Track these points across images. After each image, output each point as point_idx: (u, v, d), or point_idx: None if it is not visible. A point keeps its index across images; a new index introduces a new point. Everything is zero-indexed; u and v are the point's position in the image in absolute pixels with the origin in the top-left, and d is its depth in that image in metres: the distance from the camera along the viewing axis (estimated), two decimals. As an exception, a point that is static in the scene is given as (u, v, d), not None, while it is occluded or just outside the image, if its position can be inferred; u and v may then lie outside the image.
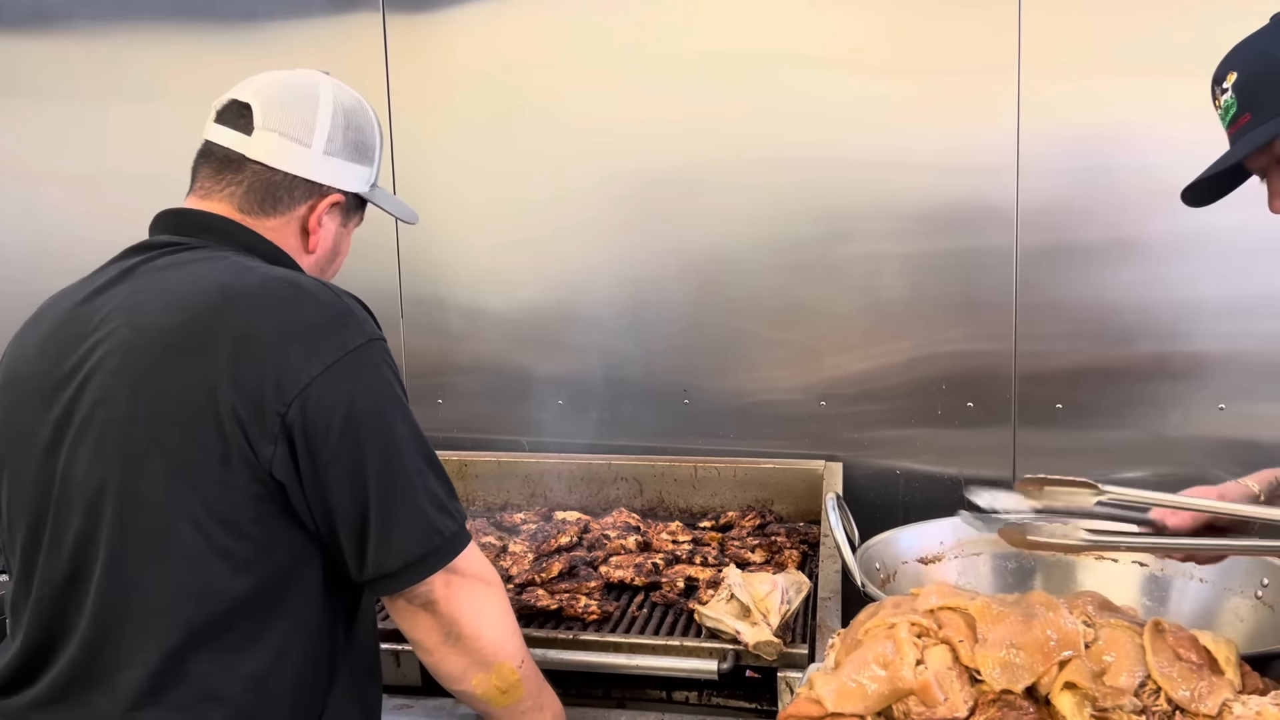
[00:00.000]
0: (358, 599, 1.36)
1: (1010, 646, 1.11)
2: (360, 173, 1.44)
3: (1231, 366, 2.15)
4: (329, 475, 1.21)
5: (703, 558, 1.95)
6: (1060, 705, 1.08)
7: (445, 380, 2.48)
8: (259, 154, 1.36)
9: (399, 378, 1.29)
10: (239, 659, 1.22)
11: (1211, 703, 1.08)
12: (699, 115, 2.31)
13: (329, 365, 1.21)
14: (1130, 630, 1.13)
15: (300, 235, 1.40)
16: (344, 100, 1.42)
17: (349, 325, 1.25)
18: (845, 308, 2.31)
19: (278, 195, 1.37)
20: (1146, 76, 2.11)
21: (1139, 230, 2.15)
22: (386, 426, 1.24)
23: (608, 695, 1.67)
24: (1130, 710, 1.06)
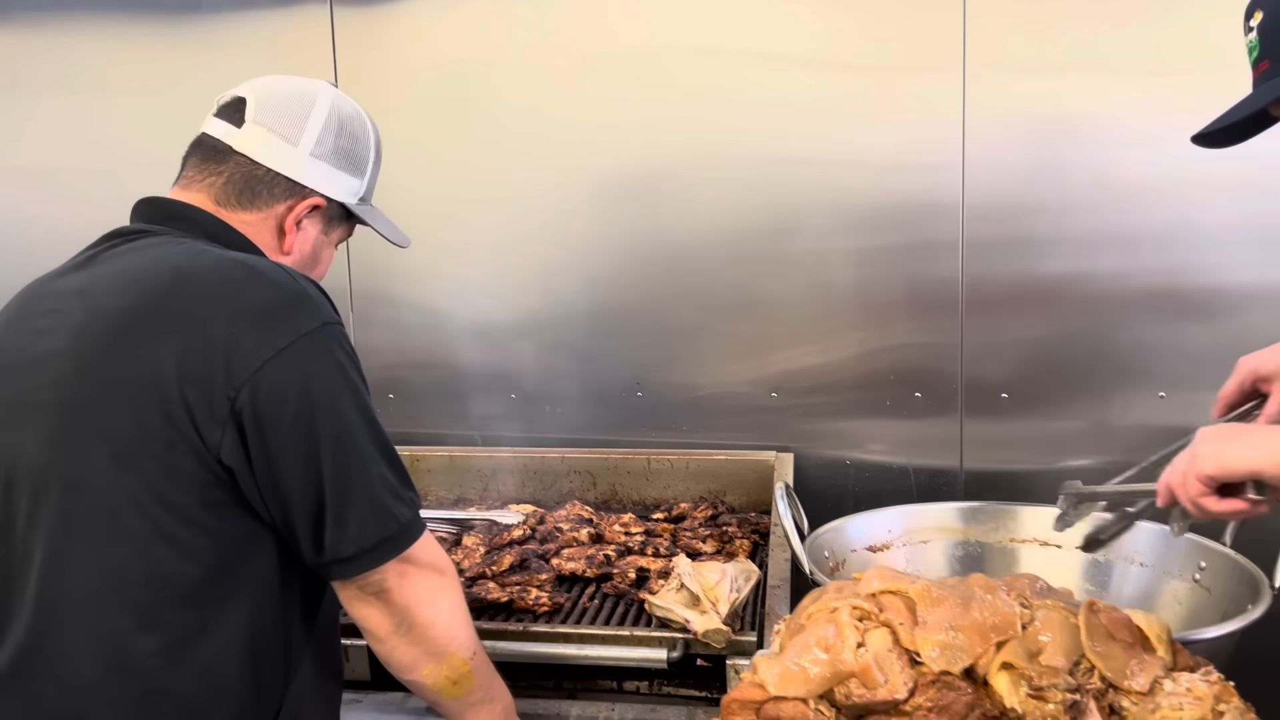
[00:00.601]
0: (318, 592, 1.35)
1: (949, 628, 1.13)
2: (348, 182, 1.44)
3: (1171, 356, 2.20)
4: (281, 461, 1.20)
5: (654, 549, 1.96)
6: (997, 685, 1.10)
7: (397, 376, 2.46)
8: (245, 146, 1.36)
9: (356, 363, 1.28)
10: (188, 650, 1.21)
11: (1143, 680, 1.11)
12: (652, 111, 2.32)
13: (282, 349, 1.20)
14: (1066, 611, 1.16)
15: (276, 234, 1.40)
16: (342, 108, 1.43)
17: (304, 308, 1.24)
18: (796, 301, 2.33)
19: (256, 190, 1.37)
20: (1090, 74, 2.15)
21: (1082, 225, 2.19)
22: (340, 412, 1.23)
23: (559, 686, 1.67)
24: (1065, 689, 1.09)
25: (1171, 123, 2.13)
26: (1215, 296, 2.16)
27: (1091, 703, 1.09)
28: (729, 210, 2.33)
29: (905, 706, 1.10)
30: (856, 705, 1.11)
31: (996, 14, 2.15)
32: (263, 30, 2.42)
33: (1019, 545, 1.97)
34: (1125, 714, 1.09)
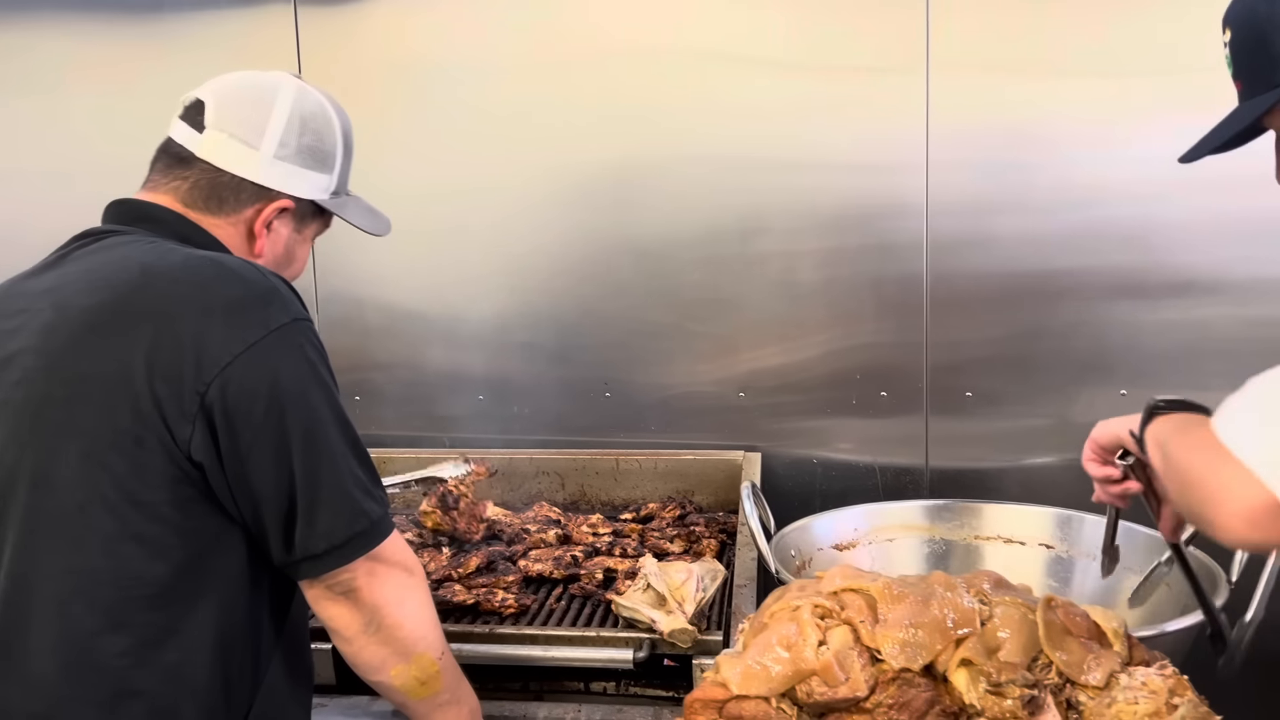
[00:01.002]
0: (287, 593, 1.34)
1: (909, 626, 1.14)
2: (316, 180, 1.42)
3: (1132, 354, 2.23)
4: (252, 457, 1.19)
5: (622, 549, 1.96)
6: (956, 682, 1.11)
7: (363, 377, 2.45)
8: (206, 153, 1.35)
9: (325, 359, 1.28)
10: (157, 650, 1.20)
11: (1099, 675, 1.12)
12: (620, 112, 2.32)
13: (251, 344, 1.19)
14: (1024, 608, 1.17)
15: (246, 238, 1.39)
16: (305, 105, 1.40)
17: (274, 304, 1.23)
18: (764, 301, 2.34)
19: (223, 196, 1.35)
20: (1051, 75, 2.18)
21: (1044, 224, 2.21)
22: (311, 407, 1.22)
23: (526, 688, 1.67)
24: (1022, 685, 1.10)
25: (1129, 123, 2.17)
26: (1175, 294, 2.19)
27: (1049, 698, 1.10)
28: (696, 210, 2.33)
29: (866, 704, 1.11)
30: (818, 703, 1.12)
31: (959, 16, 2.17)
32: (226, 30, 2.40)
33: (983, 542, 1.99)
34: (1082, 709, 1.11)
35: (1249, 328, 2.17)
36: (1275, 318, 2.16)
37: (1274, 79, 1.07)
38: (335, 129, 1.45)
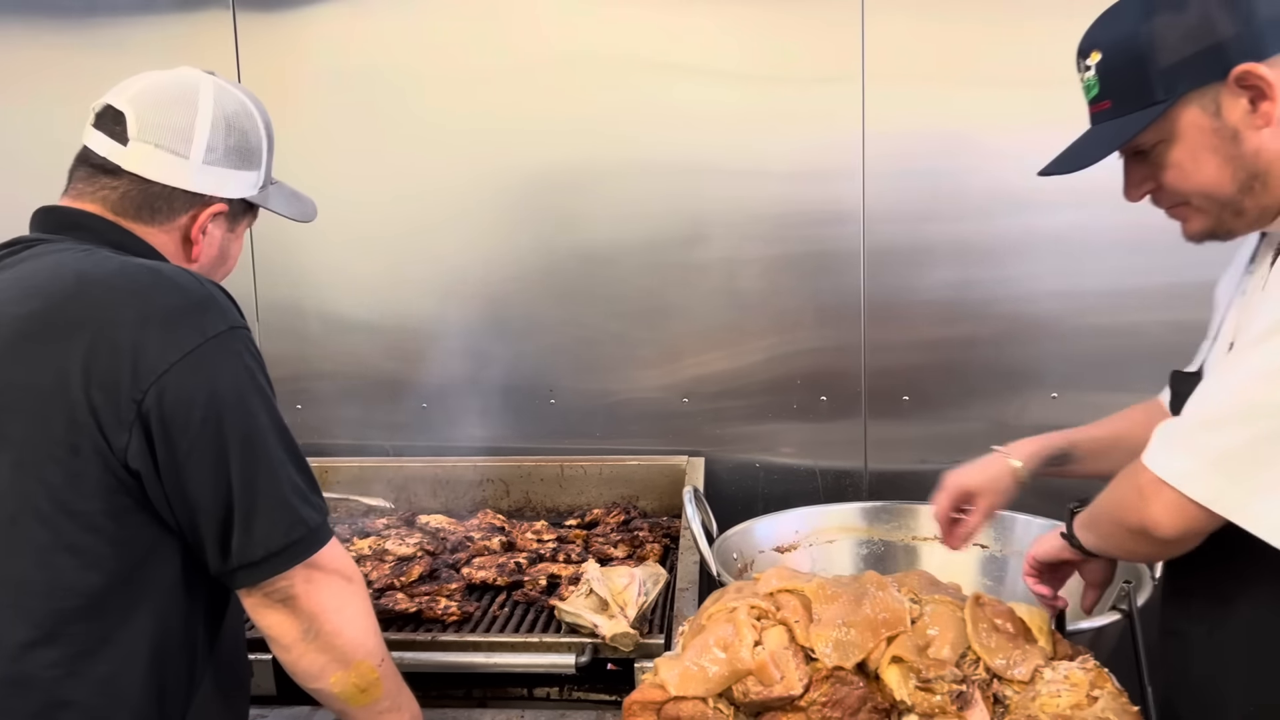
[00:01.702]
0: (222, 602, 1.33)
1: (842, 625, 1.16)
2: (245, 178, 1.41)
3: (1064, 358, 2.29)
4: (189, 464, 1.19)
5: (566, 555, 1.97)
6: (887, 679, 1.14)
7: (305, 386, 2.43)
8: (134, 165, 1.32)
9: (263, 368, 1.27)
10: (89, 661, 1.19)
11: (1025, 669, 1.16)
12: (562, 119, 2.33)
13: (189, 351, 1.18)
14: (953, 605, 1.20)
15: (182, 244, 1.37)
16: (226, 105, 1.38)
17: (210, 311, 1.23)
18: (706, 308, 2.37)
19: (156, 206, 1.34)
20: (983, 85, 2.23)
21: (978, 232, 2.27)
22: (249, 414, 1.22)
23: (469, 695, 1.67)
24: (951, 680, 1.13)
25: (1060, 132, 2.20)
26: (1104, 301, 2.25)
27: (977, 693, 1.13)
28: (640, 218, 2.35)
29: (800, 702, 1.14)
30: (754, 702, 1.14)
31: (893, 28, 2.22)
32: (163, 34, 2.37)
33: (920, 543, 2.03)
34: (1008, 702, 1.14)
35: (1175, 332, 2.20)
36: (1200, 322, 2.22)
37: (1150, 97, 1.13)
38: (258, 124, 1.43)
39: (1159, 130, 1.15)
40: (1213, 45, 1.11)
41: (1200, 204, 1.18)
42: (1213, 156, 1.14)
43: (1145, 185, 1.22)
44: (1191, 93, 1.12)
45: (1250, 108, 1.11)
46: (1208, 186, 1.16)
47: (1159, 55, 1.12)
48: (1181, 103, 1.13)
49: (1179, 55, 1.12)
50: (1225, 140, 1.13)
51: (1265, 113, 1.11)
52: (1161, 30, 1.12)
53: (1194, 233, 1.23)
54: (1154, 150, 1.18)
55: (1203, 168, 1.15)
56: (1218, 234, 1.22)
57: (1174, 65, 1.12)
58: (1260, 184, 1.14)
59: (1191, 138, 1.14)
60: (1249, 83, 1.10)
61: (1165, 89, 1.12)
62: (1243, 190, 1.15)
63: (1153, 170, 1.20)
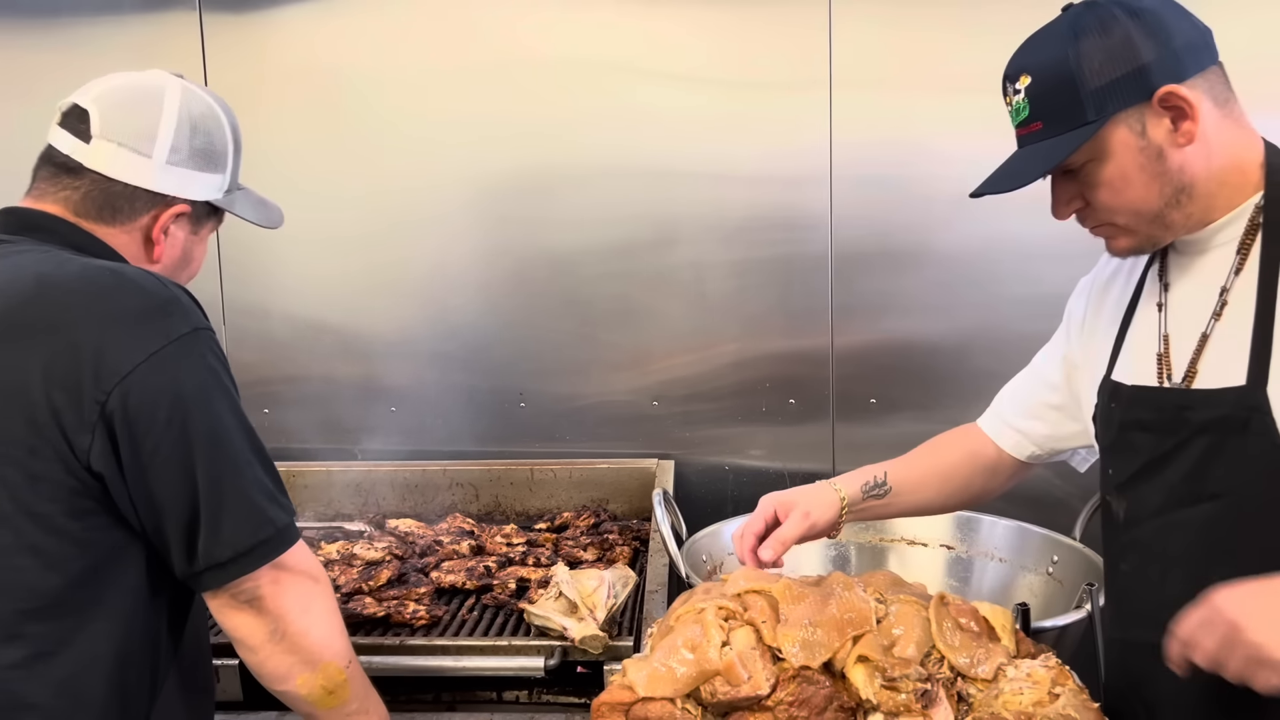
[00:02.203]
0: (185, 605, 1.32)
1: (809, 625, 1.17)
2: (210, 181, 1.40)
3: (1028, 361, 2.31)
4: (154, 465, 1.18)
5: (536, 559, 1.97)
6: (853, 678, 1.15)
7: (272, 390, 2.42)
8: (97, 164, 1.31)
9: (227, 369, 1.27)
10: (50, 663, 1.18)
11: (988, 667, 1.17)
12: (531, 122, 2.34)
13: (152, 353, 1.18)
14: (918, 604, 1.22)
15: (144, 245, 1.36)
16: (192, 107, 1.37)
17: (174, 313, 1.22)
18: (675, 311, 2.38)
19: (117, 205, 1.33)
20: (947, 92, 2.26)
21: (943, 236, 2.30)
22: (214, 415, 1.21)
23: (438, 699, 1.67)
24: (916, 679, 1.14)
25: (1024, 140, 2.26)
26: (1064, 303, 2.28)
27: (941, 691, 1.15)
28: (609, 221, 2.36)
29: (768, 702, 1.14)
30: (721, 702, 1.15)
31: (860, 35, 2.25)
32: (128, 35, 2.36)
33: (888, 544, 2.05)
34: (972, 700, 1.16)
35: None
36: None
37: (1081, 118, 1.17)
38: (225, 127, 1.42)
39: (1090, 150, 1.19)
40: (1137, 68, 1.16)
41: (1127, 222, 1.23)
42: (1140, 174, 1.19)
43: (1074, 204, 1.26)
44: (1120, 113, 1.17)
45: (1172, 127, 1.17)
46: (1136, 203, 1.20)
47: (1088, 78, 1.17)
48: (1111, 123, 1.17)
49: (1107, 78, 1.17)
50: (1151, 158, 1.18)
51: (1187, 131, 1.16)
52: (1089, 53, 1.17)
53: (1122, 249, 1.27)
54: (1083, 169, 1.22)
55: (1132, 185, 1.20)
56: (1144, 249, 1.27)
57: (1102, 87, 1.17)
58: (1186, 196, 1.19)
59: (1121, 156, 1.19)
60: (1171, 103, 1.16)
61: (1096, 110, 1.17)
62: (1169, 204, 1.20)
63: (1081, 189, 1.24)
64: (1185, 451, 1.20)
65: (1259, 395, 1.14)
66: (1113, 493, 1.32)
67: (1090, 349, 1.43)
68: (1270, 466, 1.14)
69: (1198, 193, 1.19)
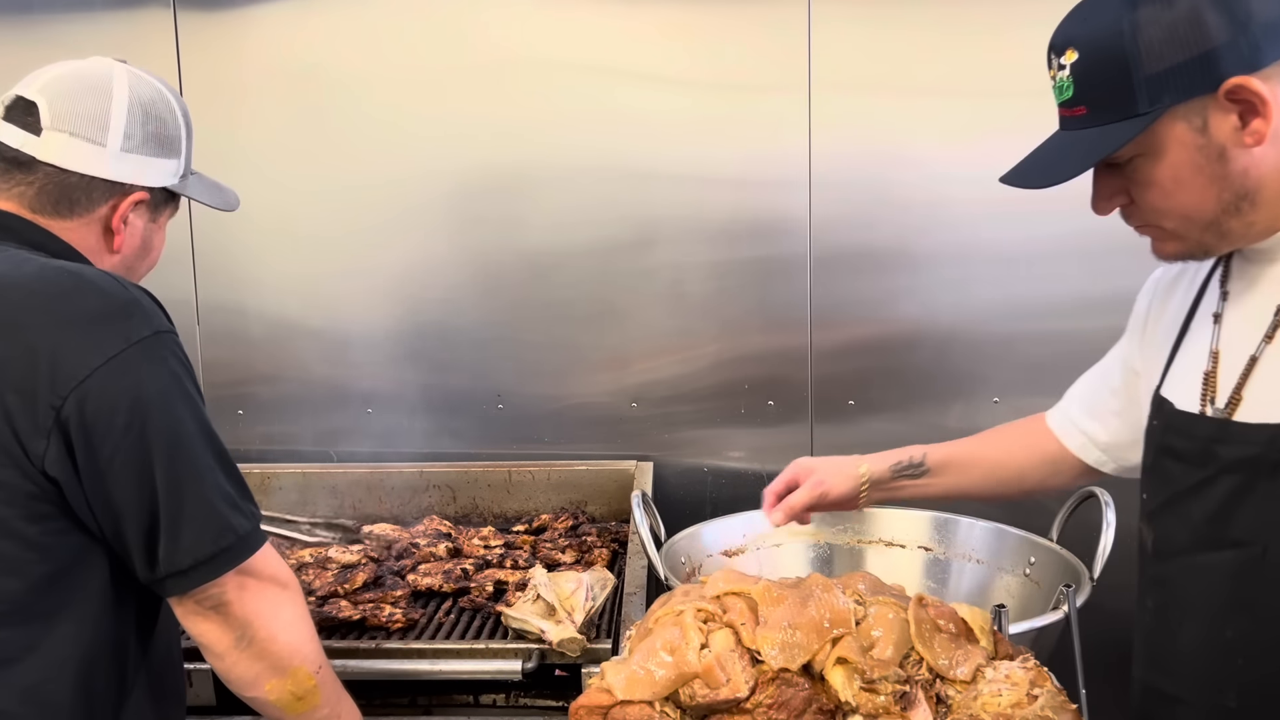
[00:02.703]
0: (153, 611, 1.31)
1: (788, 627, 1.17)
2: (165, 166, 1.38)
3: (1005, 363, 2.33)
4: (112, 472, 1.16)
5: (513, 561, 1.96)
6: (832, 680, 1.14)
7: (247, 391, 2.39)
8: (50, 156, 1.29)
9: (190, 373, 1.25)
10: (14, 669, 1.16)
11: (966, 669, 1.17)
12: (513, 122, 2.32)
13: (111, 357, 1.16)
14: (897, 606, 1.22)
15: (103, 236, 1.34)
16: (141, 92, 1.35)
17: (135, 316, 1.20)
18: (655, 313, 2.37)
19: (74, 197, 1.30)
20: (928, 96, 2.27)
21: (921, 239, 2.30)
22: (175, 420, 1.20)
23: (414, 703, 1.66)
24: (895, 681, 1.14)
25: (1002, 143, 2.24)
26: (1044, 307, 2.30)
27: (920, 693, 1.15)
28: (589, 222, 2.35)
29: (747, 704, 1.14)
30: (700, 705, 1.14)
31: (838, 37, 2.25)
32: (100, 32, 2.32)
33: (866, 546, 2.05)
34: (950, 702, 1.16)
35: (1113, 339, 2.28)
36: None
37: (1133, 108, 1.02)
38: (176, 112, 1.40)
39: (1140, 144, 1.04)
40: (1203, 54, 0.99)
41: (1175, 226, 1.08)
42: (1197, 176, 1.03)
43: (1117, 199, 1.12)
44: (1177, 105, 1.01)
45: (1239, 124, 1.01)
46: (1188, 208, 1.06)
47: (1144, 61, 1.00)
48: (1167, 115, 1.01)
49: (1166, 63, 0.99)
50: (1211, 159, 1.03)
51: (1256, 130, 1.00)
52: (1147, 29, 0.99)
53: (1169, 255, 1.13)
54: (1130, 164, 1.07)
55: (1185, 188, 1.04)
56: (1195, 255, 1.12)
57: (1160, 74, 1.00)
58: (1249, 203, 1.04)
59: (1175, 154, 1.03)
60: (1241, 97, 1.00)
61: (1149, 99, 1.00)
62: (1228, 211, 1.05)
63: (1126, 184, 1.09)
64: (1211, 489, 1.08)
65: None
66: (1144, 520, 1.22)
67: (1149, 355, 1.28)
68: None
69: (1263, 199, 1.03)
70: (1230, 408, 1.08)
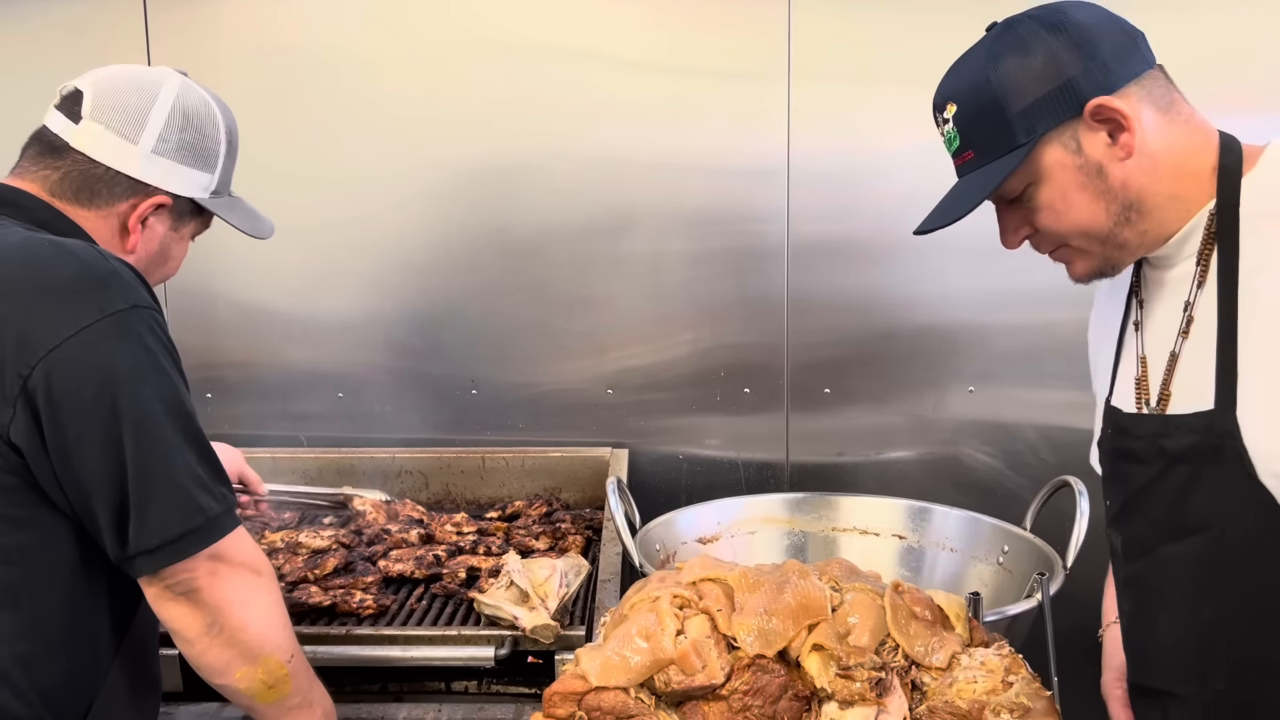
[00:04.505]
0: (131, 599, 1.28)
1: (764, 613, 1.16)
2: (196, 178, 1.38)
3: (979, 354, 2.33)
4: (80, 446, 1.15)
5: (486, 547, 1.94)
6: (808, 666, 1.14)
7: (216, 375, 2.36)
8: (82, 144, 1.31)
9: (170, 350, 1.24)
10: None
11: (942, 656, 1.17)
12: (490, 107, 2.30)
13: (84, 327, 1.15)
14: (873, 593, 1.21)
15: (119, 233, 1.34)
16: (188, 100, 1.37)
17: (112, 287, 1.19)
18: (632, 300, 2.36)
19: (95, 188, 1.31)
20: (905, 85, 2.25)
21: (897, 230, 2.28)
22: (145, 397, 1.18)
23: (385, 689, 1.64)
24: (871, 667, 1.14)
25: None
26: (1018, 298, 2.30)
27: (895, 679, 1.14)
28: (565, 208, 2.33)
29: (722, 691, 1.13)
30: (675, 692, 1.13)
31: (818, 25, 2.24)
32: (69, 14, 2.27)
33: (840, 534, 2.06)
34: (926, 689, 1.15)
35: (1085, 330, 2.30)
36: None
37: (1012, 142, 1.12)
38: (219, 127, 1.42)
39: (1025, 174, 1.13)
40: (1063, 84, 1.10)
41: (1080, 244, 1.17)
42: (1082, 194, 1.13)
43: (1021, 231, 1.20)
44: (1050, 132, 1.11)
45: (1110, 140, 1.11)
46: (1083, 224, 1.14)
47: (1012, 99, 1.11)
48: (1042, 143, 1.11)
49: (1032, 96, 1.11)
50: (1091, 176, 1.12)
51: (1125, 144, 1.11)
52: (1010, 74, 1.12)
53: (1081, 274, 1.21)
54: (1024, 194, 1.16)
55: (1075, 205, 1.13)
56: (1105, 271, 1.20)
57: (1028, 107, 1.11)
58: (1136, 213, 1.13)
59: (1058, 177, 1.13)
60: (1104, 116, 1.10)
61: (1025, 131, 1.11)
62: (1119, 223, 1.14)
63: (1027, 214, 1.18)
64: (1165, 482, 1.14)
65: (1228, 420, 1.07)
66: (1110, 527, 1.26)
67: (1099, 373, 1.34)
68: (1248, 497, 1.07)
69: (1148, 207, 1.13)
70: (1162, 404, 1.16)
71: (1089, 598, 1.92)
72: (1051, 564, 1.74)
